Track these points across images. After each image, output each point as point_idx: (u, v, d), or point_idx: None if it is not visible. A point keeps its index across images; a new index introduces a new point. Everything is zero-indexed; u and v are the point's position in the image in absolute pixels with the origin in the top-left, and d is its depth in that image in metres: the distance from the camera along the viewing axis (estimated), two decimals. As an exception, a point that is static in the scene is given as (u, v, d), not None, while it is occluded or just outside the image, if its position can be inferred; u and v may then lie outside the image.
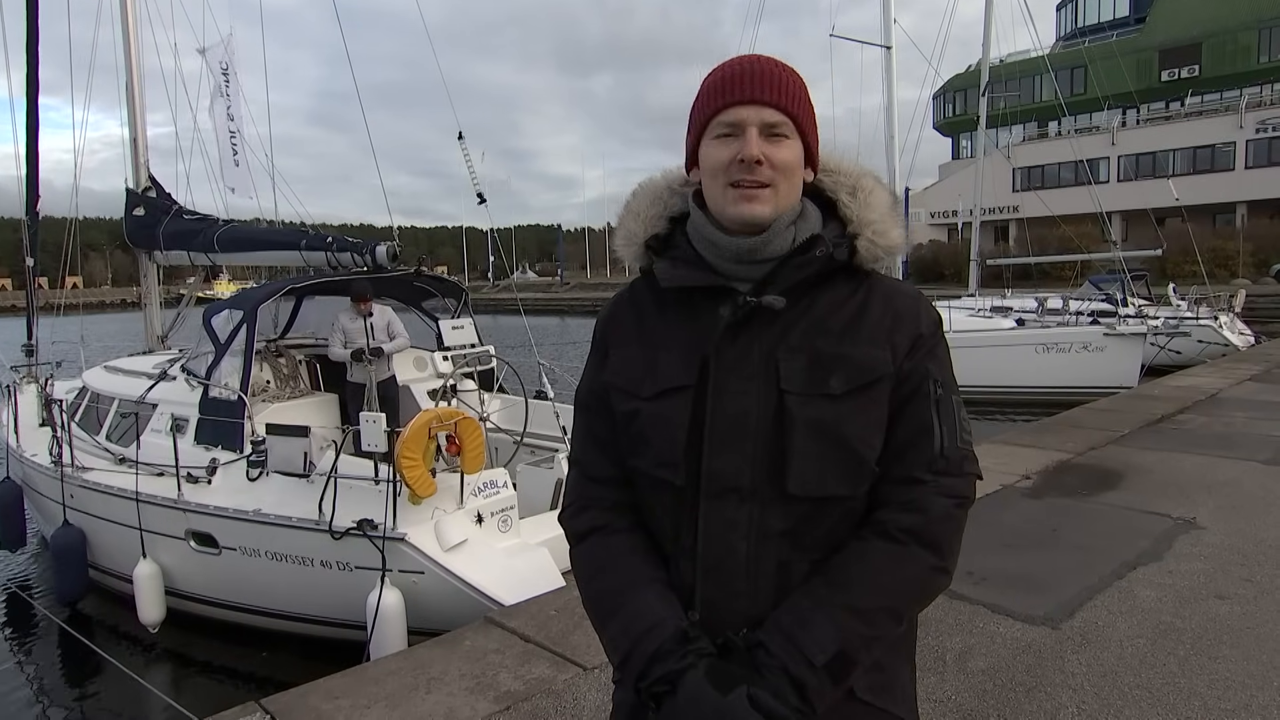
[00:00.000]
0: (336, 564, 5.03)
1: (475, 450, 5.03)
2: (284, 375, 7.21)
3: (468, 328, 7.41)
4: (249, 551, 5.36)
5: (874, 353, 1.10)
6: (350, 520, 4.86)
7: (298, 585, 5.24)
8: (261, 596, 5.50)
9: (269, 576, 5.33)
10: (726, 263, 1.16)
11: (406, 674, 3.42)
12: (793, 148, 1.13)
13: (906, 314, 1.14)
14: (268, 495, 5.37)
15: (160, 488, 5.75)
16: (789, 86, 1.13)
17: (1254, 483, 5.48)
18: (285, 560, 5.21)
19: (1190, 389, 9.34)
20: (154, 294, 9.49)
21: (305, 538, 5.07)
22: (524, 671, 3.31)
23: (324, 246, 7.24)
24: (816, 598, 1.06)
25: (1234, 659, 3.11)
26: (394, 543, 4.77)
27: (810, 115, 1.16)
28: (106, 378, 7.79)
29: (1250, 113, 37.38)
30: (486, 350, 7.29)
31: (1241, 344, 15.66)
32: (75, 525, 6.37)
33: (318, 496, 4.98)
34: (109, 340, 12.30)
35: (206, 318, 6.64)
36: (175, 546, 5.70)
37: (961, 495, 1.11)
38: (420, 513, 4.86)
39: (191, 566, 5.71)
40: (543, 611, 3.97)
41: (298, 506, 5.12)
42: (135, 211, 9.21)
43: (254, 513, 5.25)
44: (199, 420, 6.09)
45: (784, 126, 1.12)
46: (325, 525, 4.91)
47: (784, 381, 1.09)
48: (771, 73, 1.13)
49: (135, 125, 9.50)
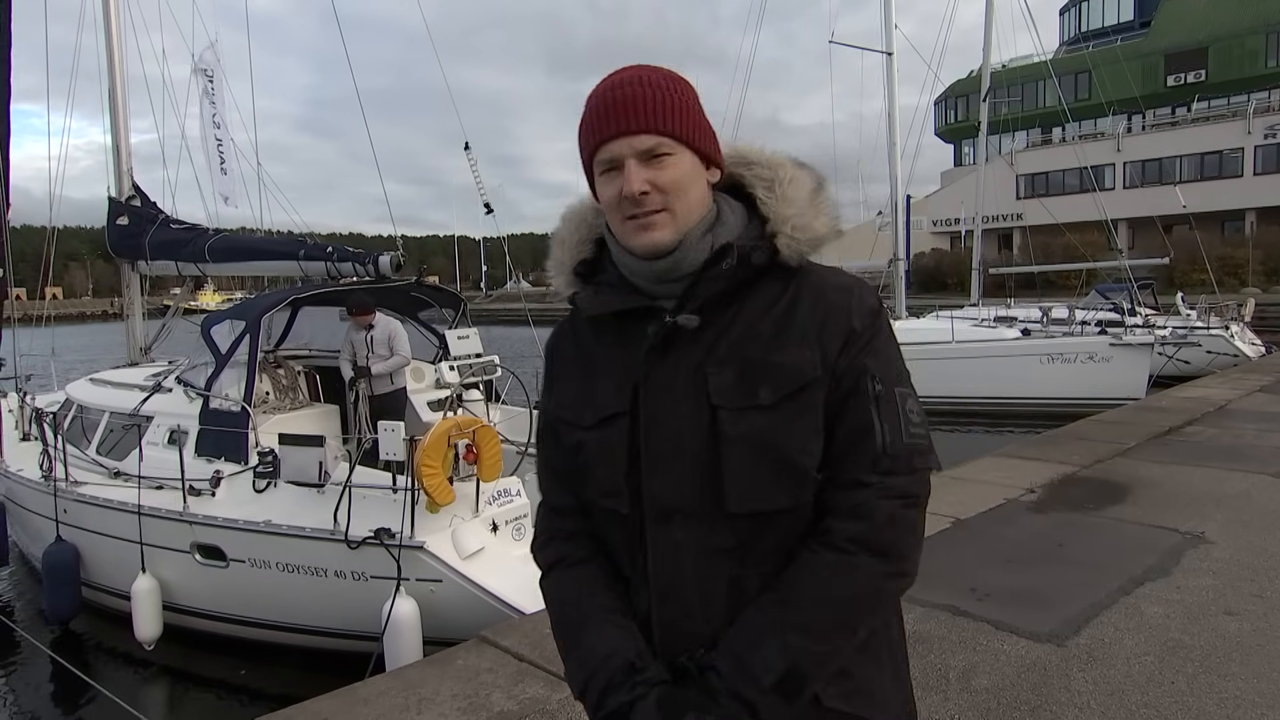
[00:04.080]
0: (351, 574, 5.11)
1: (493, 458, 5.17)
2: (283, 386, 7.28)
3: (473, 337, 7.47)
4: (258, 563, 5.42)
5: (801, 355, 1.08)
6: (366, 529, 4.95)
7: (310, 596, 5.31)
8: (271, 609, 5.56)
9: (280, 588, 5.39)
10: (649, 283, 1.15)
11: (397, 694, 3.41)
12: (678, 164, 1.10)
13: (837, 309, 1.10)
14: (276, 506, 5.44)
15: (161, 500, 5.79)
16: (658, 104, 1.09)
17: (1264, 496, 5.49)
18: (297, 571, 5.28)
19: (1199, 400, 9.37)
20: (137, 305, 9.50)
21: (319, 548, 5.14)
22: (517, 691, 3.31)
23: (324, 256, 7.28)
24: (765, 616, 1.06)
25: (1244, 677, 3.12)
26: (411, 551, 4.88)
27: (692, 120, 1.12)
28: (94, 390, 7.81)
29: (1259, 118, 37.61)
30: (492, 360, 7.34)
31: (1253, 354, 15.70)
32: (69, 541, 6.37)
33: (330, 506, 5.07)
34: (82, 353, 12.27)
35: (205, 329, 6.69)
36: (178, 560, 5.74)
37: (910, 494, 1.08)
38: (438, 521, 4.97)
39: (195, 580, 5.76)
40: (537, 630, 3.97)
41: (310, 517, 5.21)
42: (119, 220, 9.21)
43: (265, 524, 5.31)
44: (200, 431, 6.13)
45: (663, 146, 1.09)
46: (341, 535, 5.00)
47: (714, 396, 1.08)
48: (635, 95, 1.09)
49: (118, 132, 9.51)
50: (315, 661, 5.47)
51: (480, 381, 7.29)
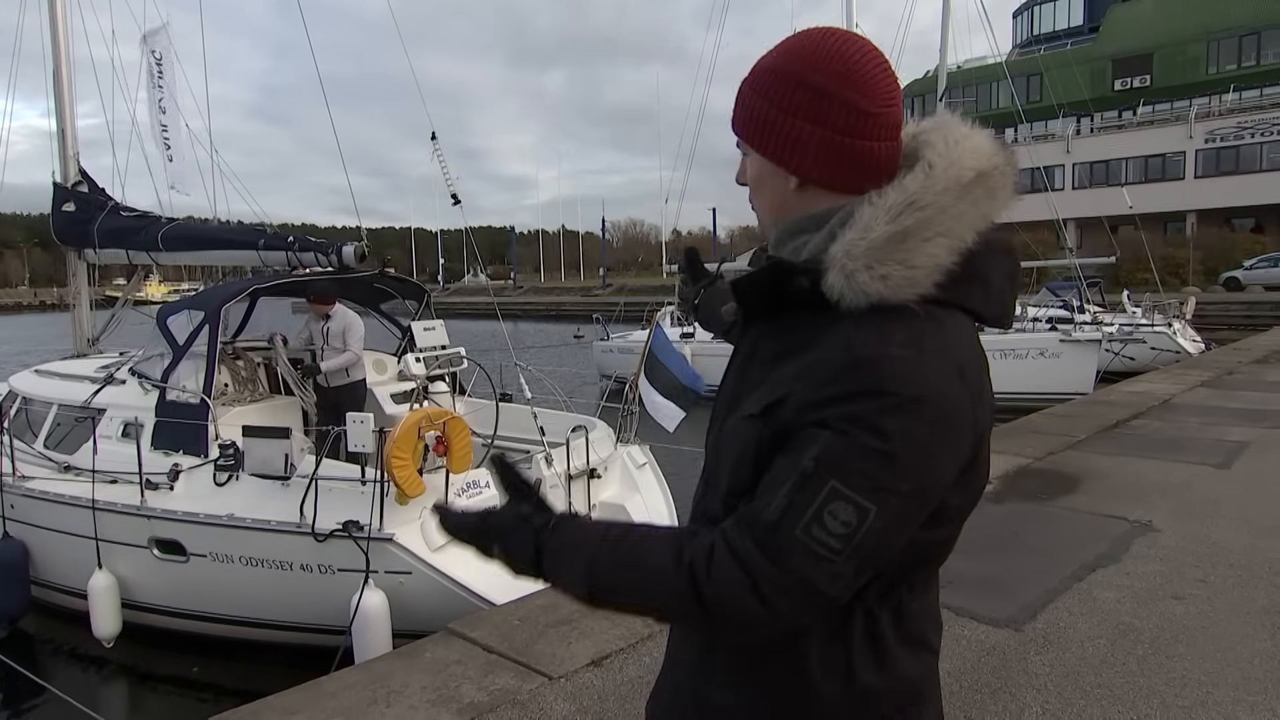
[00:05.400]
0: (318, 567, 5.07)
1: (463, 450, 5.19)
2: (242, 378, 7.15)
3: (439, 329, 7.43)
4: (220, 557, 5.35)
5: (770, 392, 1.00)
6: (334, 522, 4.92)
7: (275, 591, 5.26)
8: (234, 604, 5.49)
9: (243, 583, 5.33)
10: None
11: (364, 687, 3.40)
12: (750, 163, 1.11)
13: (823, 368, 0.95)
14: (238, 499, 5.37)
15: (116, 495, 5.67)
16: (738, 102, 1.11)
17: (1206, 486, 5.73)
18: (262, 565, 5.23)
19: (1144, 395, 9.71)
20: (84, 295, 9.21)
21: (284, 541, 5.10)
22: (487, 683, 3.32)
23: (285, 246, 7.16)
24: (612, 535, 1.02)
25: (1190, 657, 3.28)
26: (380, 543, 4.86)
27: (755, 122, 1.07)
28: (39, 382, 7.58)
29: (1199, 123, 38.85)
30: (458, 352, 7.31)
31: (1193, 350, 16.29)
32: (16, 538, 6.22)
33: (294, 499, 5.03)
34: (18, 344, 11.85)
35: (162, 319, 6.55)
36: (135, 555, 5.63)
37: (752, 572, 0.91)
38: (407, 513, 4.97)
39: (154, 576, 5.65)
40: (506, 621, 3.99)
41: (274, 510, 5.16)
42: (64, 207, 8.89)
43: (229, 517, 5.25)
44: (157, 424, 6.01)
45: (741, 145, 1.12)
46: (307, 528, 4.95)
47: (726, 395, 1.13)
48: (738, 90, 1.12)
49: (64, 116, 9.15)
50: (280, 657, 5.40)
51: (446, 374, 7.26)
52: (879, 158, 1.03)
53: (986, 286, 1.03)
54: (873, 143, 1.02)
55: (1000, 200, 1.02)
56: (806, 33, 1.06)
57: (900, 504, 0.92)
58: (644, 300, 29.66)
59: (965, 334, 1.01)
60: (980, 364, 1.02)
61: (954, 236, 0.98)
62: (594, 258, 79.02)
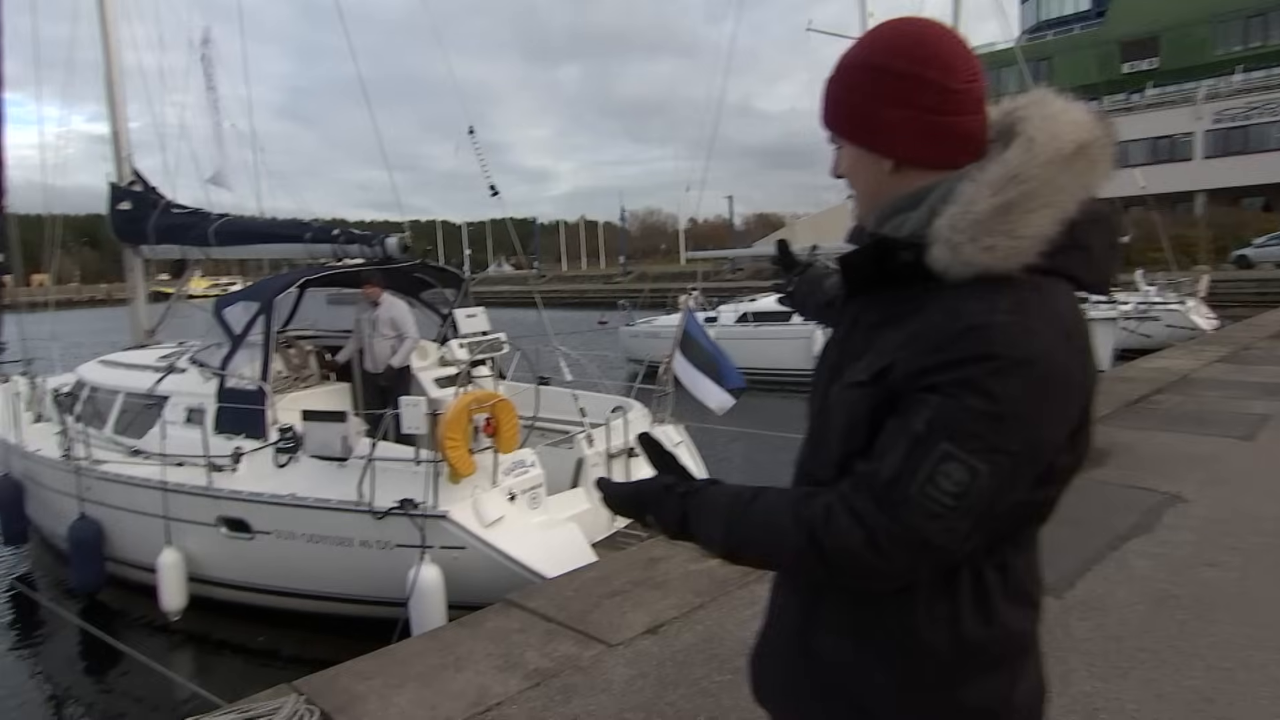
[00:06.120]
0: (376, 543, 5.17)
1: (510, 431, 5.27)
2: (294, 365, 7.25)
3: (480, 315, 7.49)
4: (284, 535, 5.47)
5: (873, 362, 1.02)
6: (390, 501, 5.01)
7: (336, 565, 5.37)
8: (297, 578, 5.61)
9: (305, 558, 5.45)
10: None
11: (433, 654, 3.45)
12: (845, 155, 1.12)
13: (931, 335, 0.96)
14: (298, 480, 5.49)
15: (184, 477, 5.80)
16: (826, 99, 1.12)
17: (1232, 458, 5.66)
18: (323, 542, 5.33)
19: (1163, 370, 9.57)
20: (140, 289, 9.39)
21: (345, 519, 5.20)
22: (550, 650, 3.36)
23: (331, 239, 7.23)
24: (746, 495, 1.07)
25: (1228, 622, 3.25)
26: (435, 520, 4.94)
27: (846, 115, 1.09)
28: (106, 371, 7.74)
29: (1207, 104, 38.08)
30: (499, 337, 7.36)
31: (1207, 327, 16.03)
32: (92, 518, 6.35)
33: (352, 479, 5.13)
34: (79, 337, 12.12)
35: (218, 310, 6.65)
36: (204, 533, 5.76)
37: (873, 528, 0.93)
38: (459, 491, 5.06)
39: (221, 552, 5.78)
40: (560, 593, 4.03)
41: (333, 489, 5.26)
42: (120, 206, 9.06)
43: (291, 496, 5.36)
44: (219, 410, 6.13)
45: (833, 139, 1.13)
46: (366, 506, 5.05)
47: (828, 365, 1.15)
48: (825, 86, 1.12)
49: (117, 119, 9.35)
50: (338, 627, 5.51)
51: (488, 358, 7.31)
52: (968, 132, 1.04)
53: (1088, 254, 1.03)
54: (961, 118, 1.03)
55: (1100, 171, 1.02)
56: (883, 25, 1.09)
57: (1010, 464, 0.92)
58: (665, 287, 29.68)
59: (1068, 300, 1.01)
60: (1084, 329, 1.02)
61: (1057, 207, 0.97)
62: (613, 246, 78.88)
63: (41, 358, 9.57)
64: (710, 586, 3.87)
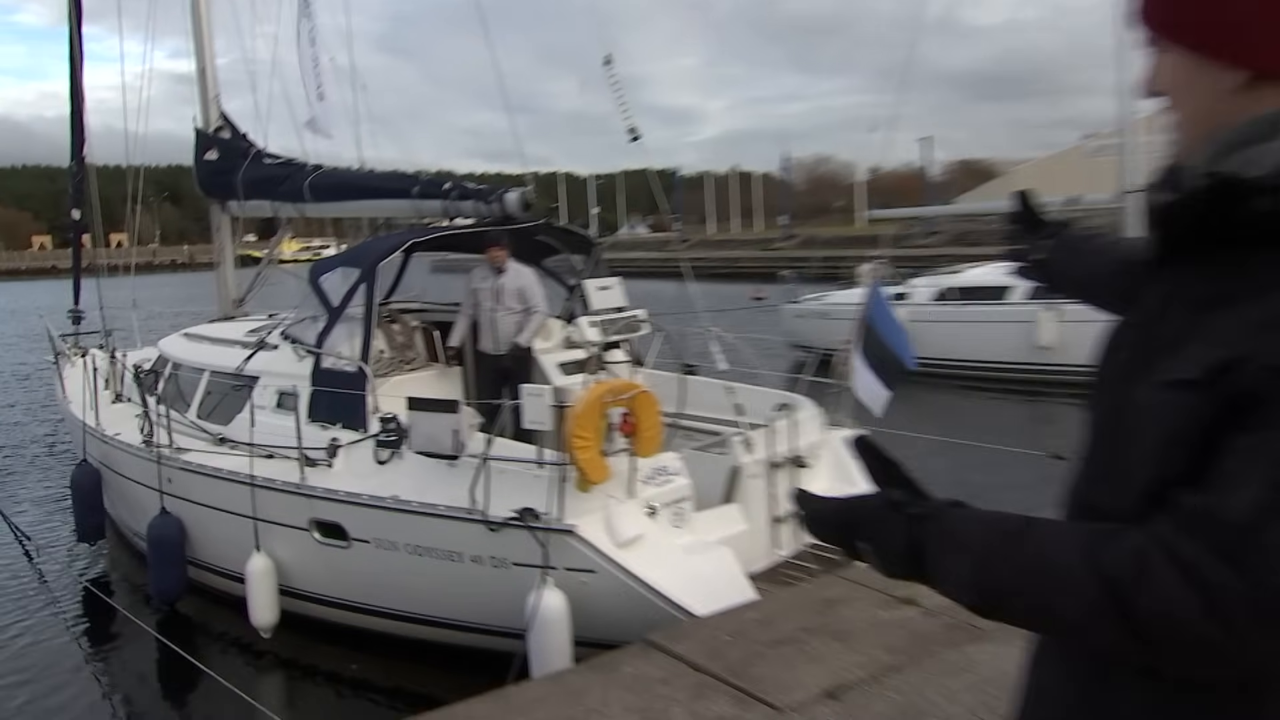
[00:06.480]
0: (490, 560, 5.22)
1: (652, 430, 5.20)
2: (398, 344, 7.45)
3: (616, 288, 7.45)
4: (384, 544, 5.60)
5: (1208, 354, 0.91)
6: (508, 509, 5.03)
7: (442, 584, 5.47)
8: (396, 596, 5.76)
9: (407, 573, 5.57)
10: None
11: (557, 702, 3.49)
12: (1167, 64, 1.04)
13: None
14: (402, 480, 5.60)
15: (273, 471, 6.03)
16: None
17: None
18: (428, 555, 5.43)
19: None
20: (228, 252, 9.93)
21: (454, 529, 5.27)
22: (700, 708, 3.34)
23: (441, 194, 7.42)
24: (1000, 528, 0.99)
25: None
26: (560, 536, 4.92)
27: (1178, 5, 1.02)
28: (190, 346, 8.27)
29: None
30: (637, 315, 7.30)
31: None
32: (173, 514, 6.74)
33: (463, 481, 5.17)
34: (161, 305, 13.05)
35: (314, 277, 6.93)
36: (294, 538, 5.99)
37: (1215, 596, 0.82)
38: (589, 502, 5.02)
39: (313, 561, 6.00)
40: (714, 636, 3.99)
41: (442, 493, 5.33)
42: (207, 155, 9.57)
43: (393, 499, 5.46)
44: (313, 394, 6.35)
45: (1153, 41, 1.07)
46: (479, 514, 5.09)
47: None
48: None
49: (203, 55, 9.81)
50: (444, 658, 5.66)
51: (622, 341, 7.30)
52: None
53: None
54: None
55: None
56: None
57: None
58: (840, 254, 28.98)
59: None
60: None
61: None
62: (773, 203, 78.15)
63: (120, 328, 10.31)
64: (907, 643, 3.73)
